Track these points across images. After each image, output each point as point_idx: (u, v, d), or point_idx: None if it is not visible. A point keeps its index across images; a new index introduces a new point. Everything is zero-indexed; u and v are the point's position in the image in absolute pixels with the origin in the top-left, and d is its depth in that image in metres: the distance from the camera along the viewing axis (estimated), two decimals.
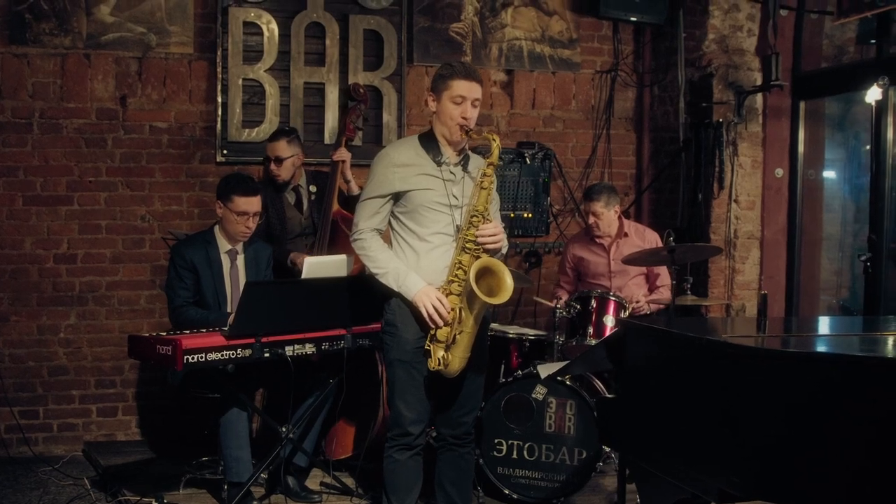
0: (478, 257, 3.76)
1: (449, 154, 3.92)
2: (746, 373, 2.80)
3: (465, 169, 3.95)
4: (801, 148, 6.33)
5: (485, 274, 3.71)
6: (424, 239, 3.88)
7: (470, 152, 4.02)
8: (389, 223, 3.97)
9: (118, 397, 5.91)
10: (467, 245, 3.77)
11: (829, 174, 6.63)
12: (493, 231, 3.77)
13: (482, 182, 3.79)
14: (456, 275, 3.79)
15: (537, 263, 6.61)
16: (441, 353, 3.79)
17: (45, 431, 5.77)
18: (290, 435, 4.57)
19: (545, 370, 4.43)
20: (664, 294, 5.60)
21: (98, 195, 5.80)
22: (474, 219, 3.77)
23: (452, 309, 3.76)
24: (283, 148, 5.31)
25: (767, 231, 6.32)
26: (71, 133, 5.73)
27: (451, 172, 3.91)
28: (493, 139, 3.77)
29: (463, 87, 3.81)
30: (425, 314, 3.76)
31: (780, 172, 6.32)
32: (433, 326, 3.78)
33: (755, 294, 6.33)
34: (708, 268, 6.23)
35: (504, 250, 3.92)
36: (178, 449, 5.61)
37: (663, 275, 5.65)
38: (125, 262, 5.87)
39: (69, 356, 5.80)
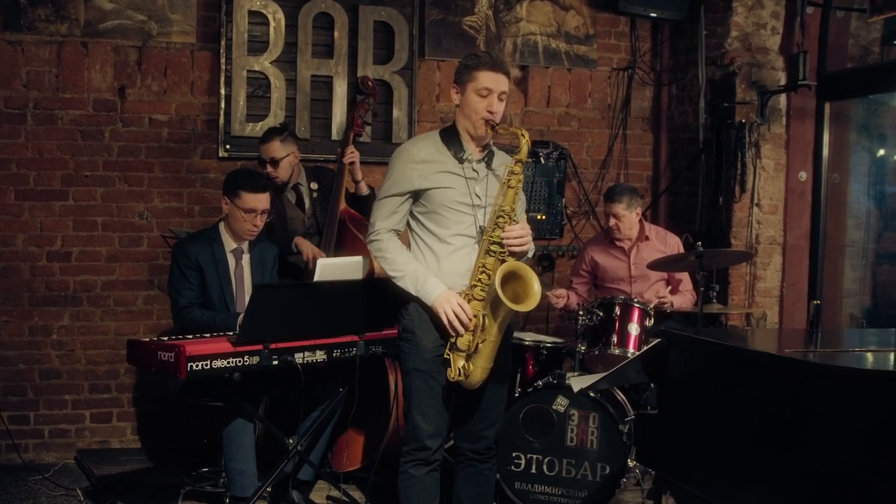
0: (503, 261, 3.51)
1: (472, 150, 3.68)
2: (814, 391, 2.57)
3: (488, 166, 3.71)
4: (825, 151, 6.11)
5: (510, 279, 3.46)
6: (445, 241, 3.63)
7: (494, 148, 3.78)
8: (408, 224, 3.73)
9: (113, 402, 5.67)
10: (492, 247, 3.53)
11: (853, 178, 6.40)
12: (521, 233, 3.52)
13: (509, 180, 3.55)
14: (479, 279, 3.54)
15: (550, 267, 6.37)
16: (462, 362, 3.54)
17: (36, 438, 5.54)
18: (298, 447, 4.31)
19: (578, 383, 4.18)
20: (686, 298, 5.39)
21: (94, 190, 5.56)
22: (500, 220, 3.53)
23: (475, 315, 3.52)
24: (277, 148, 5.04)
25: (790, 236, 6.10)
26: (66, 125, 5.50)
27: (474, 170, 3.67)
28: (523, 135, 3.54)
29: (489, 79, 3.57)
30: (445, 321, 3.52)
31: (803, 176, 6.10)
32: (454, 334, 3.54)
33: (776, 301, 6.12)
34: (728, 274, 6.00)
35: (530, 254, 3.68)
36: (177, 458, 5.38)
37: (686, 280, 5.44)
38: (122, 261, 5.63)
39: (62, 359, 5.57)
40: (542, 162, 6.22)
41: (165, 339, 4.00)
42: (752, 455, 2.88)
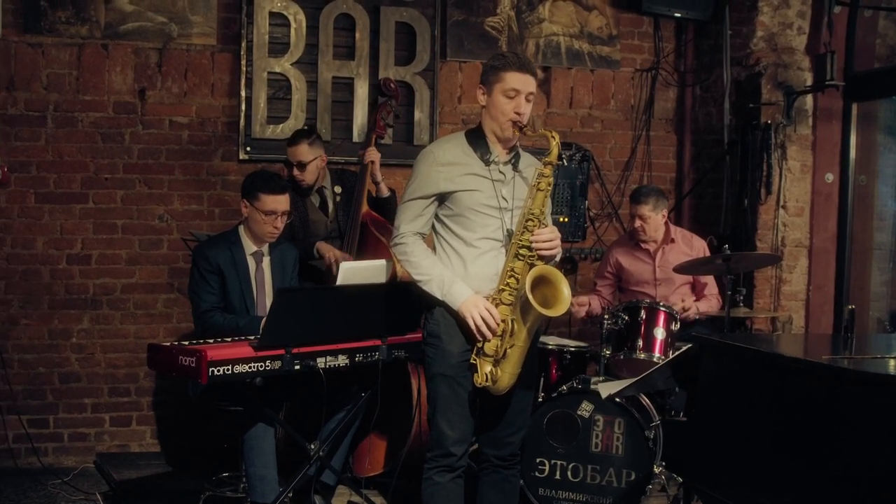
0: (532, 264, 3.45)
1: (498, 152, 3.62)
2: (851, 398, 2.50)
3: (515, 168, 3.65)
4: (852, 152, 6.00)
5: (540, 283, 3.40)
6: (471, 244, 3.57)
7: (521, 150, 3.72)
8: (433, 227, 3.66)
9: (132, 406, 5.64)
10: (521, 251, 3.46)
11: (881, 180, 6.30)
12: (550, 236, 3.46)
13: (539, 183, 3.49)
14: (507, 283, 3.48)
15: (573, 270, 6.29)
16: (489, 367, 3.47)
17: (56, 441, 5.51)
18: (320, 453, 4.25)
19: (606, 389, 4.11)
20: (712, 303, 5.32)
21: (114, 193, 5.54)
22: (529, 223, 3.46)
23: (503, 320, 3.45)
24: (305, 151, 5.00)
25: (816, 239, 6.00)
26: (87, 127, 5.47)
27: (501, 172, 3.61)
28: (553, 136, 3.48)
29: (517, 80, 3.51)
30: (473, 325, 3.45)
31: (830, 178, 6.01)
32: (481, 339, 3.47)
33: (802, 305, 6.02)
34: (754, 277, 5.91)
35: (558, 258, 3.61)
36: (197, 463, 5.34)
37: (711, 283, 5.37)
38: (142, 264, 5.60)
39: (81, 362, 5.53)
40: (565, 164, 6.15)
41: (186, 343, 3.95)
42: (784, 463, 2.81)
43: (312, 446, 4.23)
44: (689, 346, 3.33)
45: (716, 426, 3.09)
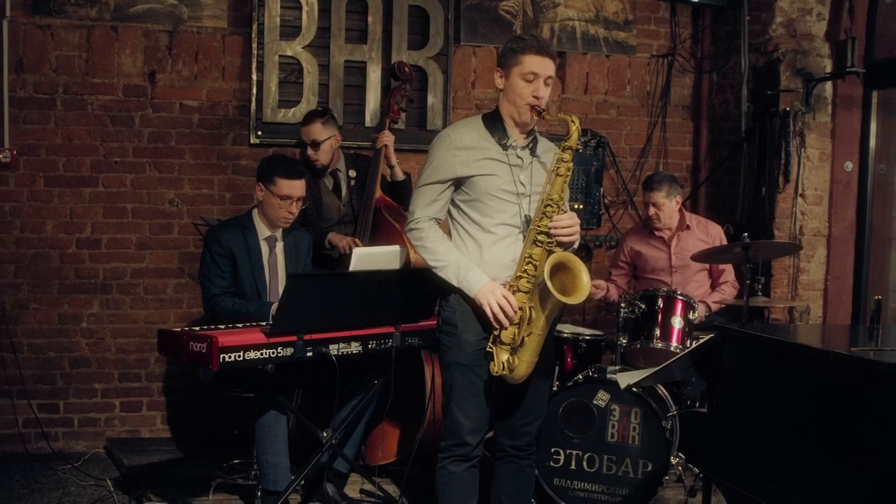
0: (550, 251, 3.38)
1: (516, 137, 3.55)
2: (880, 391, 2.43)
3: (533, 153, 3.58)
4: (872, 141, 5.91)
5: (559, 270, 3.33)
6: (488, 230, 3.51)
7: (539, 135, 3.65)
8: (449, 212, 3.60)
9: (143, 391, 5.59)
10: (539, 237, 3.40)
11: None
12: (570, 222, 3.39)
13: (558, 168, 3.41)
14: (525, 270, 3.42)
15: (588, 258, 6.22)
16: (505, 356, 3.42)
17: (66, 426, 5.47)
18: (333, 441, 4.20)
19: (625, 379, 4.05)
20: (728, 291, 5.25)
21: (124, 177, 5.48)
22: (548, 209, 3.39)
23: (520, 308, 3.39)
24: (319, 130, 4.97)
25: (835, 228, 5.92)
26: (96, 110, 5.41)
27: (518, 157, 3.54)
28: (573, 121, 3.40)
29: (536, 63, 3.43)
30: (490, 313, 3.39)
31: (849, 166, 5.92)
32: (497, 327, 3.41)
33: (820, 295, 5.94)
34: (771, 266, 5.83)
35: (576, 245, 3.54)
36: (207, 449, 5.32)
37: (728, 270, 5.30)
38: (152, 249, 5.55)
39: (91, 347, 5.49)
40: (580, 150, 6.07)
41: (197, 329, 3.90)
42: (807, 455, 2.74)
43: (325, 434, 4.19)
44: (710, 335, 3.25)
45: (737, 417, 3.02)
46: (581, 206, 6.10)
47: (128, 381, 5.55)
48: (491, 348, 3.45)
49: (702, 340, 3.40)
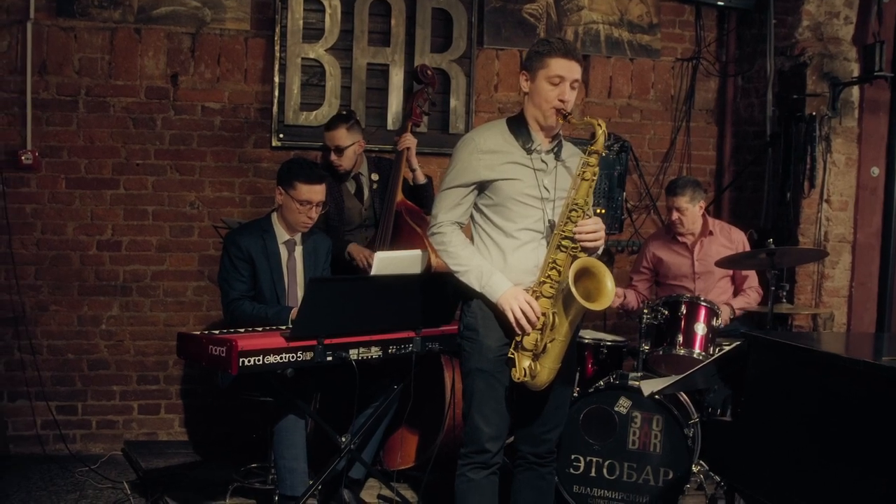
0: (574, 256, 3.34)
1: (541, 141, 3.51)
2: None
3: (557, 157, 3.54)
4: None
5: (583, 275, 3.29)
6: (511, 235, 3.47)
7: (563, 139, 3.61)
8: (472, 217, 3.56)
9: (161, 394, 5.58)
10: (563, 242, 3.35)
11: None
12: (594, 227, 3.35)
13: (584, 173, 3.37)
14: (549, 275, 3.37)
15: (609, 263, 6.16)
16: (527, 362, 3.38)
17: (84, 428, 5.47)
18: (351, 446, 4.16)
19: (649, 386, 3.99)
20: (752, 297, 5.19)
21: (145, 179, 5.47)
22: (573, 213, 3.35)
23: (543, 313, 3.35)
24: (344, 136, 4.93)
25: (860, 234, 5.84)
26: (118, 112, 5.40)
27: (543, 161, 3.50)
28: (599, 125, 3.36)
29: (562, 67, 3.40)
30: (512, 318, 3.35)
31: (875, 171, 5.84)
32: (520, 333, 3.37)
33: (845, 302, 5.87)
34: (795, 272, 5.76)
35: (601, 250, 3.50)
36: (225, 453, 5.30)
37: (752, 276, 5.24)
38: (172, 251, 5.53)
39: (110, 349, 5.48)
40: (603, 154, 5.99)
41: (217, 332, 3.88)
42: (836, 468, 2.69)
43: (343, 439, 4.15)
44: (737, 343, 3.19)
45: (763, 427, 2.96)
46: (603, 211, 6.04)
47: (146, 384, 5.54)
48: (513, 354, 3.41)
49: (727, 348, 3.34)
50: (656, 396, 4.24)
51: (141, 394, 5.54)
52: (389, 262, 4.15)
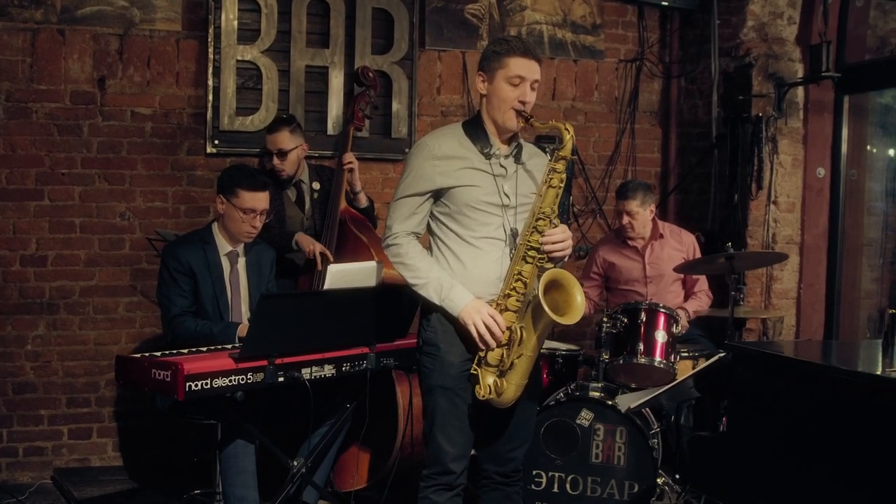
0: (541, 267, 3.18)
1: (499, 144, 3.35)
2: None
3: (517, 161, 3.38)
4: (844, 146, 5.83)
5: (552, 288, 3.13)
6: (471, 244, 3.30)
7: (522, 142, 3.45)
8: (428, 226, 3.38)
9: (93, 417, 5.29)
10: (529, 253, 3.19)
11: (871, 175, 6.13)
12: (563, 237, 3.20)
13: (551, 179, 3.22)
14: (514, 287, 3.21)
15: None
16: (492, 378, 3.21)
17: (10, 456, 5.15)
18: (303, 469, 3.95)
19: (625, 401, 3.85)
20: (703, 300, 5.12)
21: (72, 189, 5.18)
22: (540, 222, 3.19)
23: (509, 328, 3.18)
24: (287, 139, 4.73)
25: (808, 235, 5.82)
26: (42, 119, 5.11)
27: (502, 166, 3.34)
28: (567, 129, 3.22)
29: (522, 66, 3.27)
30: (475, 333, 3.18)
31: (821, 172, 5.83)
32: (483, 348, 3.20)
33: (793, 304, 5.83)
34: (744, 275, 5.70)
35: (566, 259, 3.35)
36: (164, 478, 5.02)
37: (702, 280, 5.17)
38: (102, 266, 5.25)
39: (37, 371, 5.18)
40: (571, 159, 5.88)
41: (159, 354, 3.63)
42: (830, 482, 2.59)
43: (295, 463, 3.93)
44: (720, 354, 3.07)
45: (751, 441, 2.85)
46: None
47: (76, 407, 5.24)
48: (476, 370, 3.24)
49: (709, 361, 3.22)
50: (613, 405, 4.13)
51: (71, 417, 5.24)
52: (343, 275, 3.95)
